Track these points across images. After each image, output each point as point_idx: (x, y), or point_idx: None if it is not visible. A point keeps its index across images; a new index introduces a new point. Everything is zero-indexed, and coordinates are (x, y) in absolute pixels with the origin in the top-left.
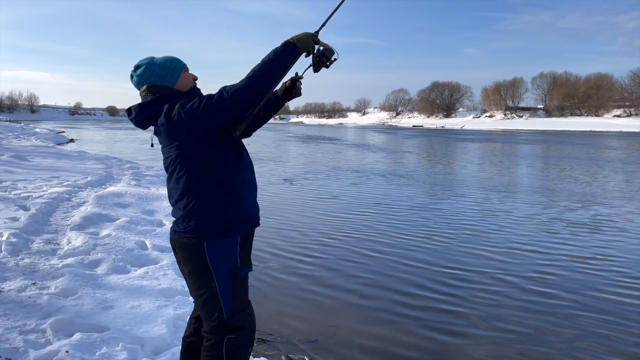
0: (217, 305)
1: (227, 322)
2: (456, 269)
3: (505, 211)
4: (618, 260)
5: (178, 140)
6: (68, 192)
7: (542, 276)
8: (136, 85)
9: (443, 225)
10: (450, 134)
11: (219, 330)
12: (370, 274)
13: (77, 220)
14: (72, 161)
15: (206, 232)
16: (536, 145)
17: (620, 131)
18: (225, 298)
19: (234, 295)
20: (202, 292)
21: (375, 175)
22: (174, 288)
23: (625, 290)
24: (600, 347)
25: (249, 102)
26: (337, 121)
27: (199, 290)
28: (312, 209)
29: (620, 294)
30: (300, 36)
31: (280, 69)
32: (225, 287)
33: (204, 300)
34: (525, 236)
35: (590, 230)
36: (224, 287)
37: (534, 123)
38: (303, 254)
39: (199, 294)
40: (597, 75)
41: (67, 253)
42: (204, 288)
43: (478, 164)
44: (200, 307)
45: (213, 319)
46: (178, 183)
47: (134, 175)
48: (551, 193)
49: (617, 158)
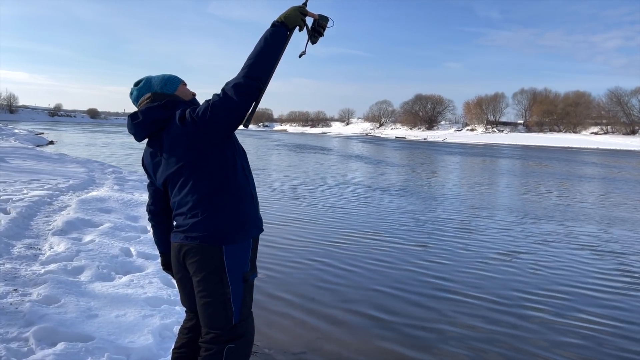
0: (227, 311)
1: (233, 328)
2: (444, 284)
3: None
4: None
5: (195, 145)
6: (49, 196)
7: (528, 297)
8: (137, 98)
9: (433, 238)
10: (433, 146)
11: (222, 339)
12: (356, 289)
13: (60, 225)
14: (52, 164)
15: (226, 235)
16: (526, 160)
17: (598, 148)
18: (236, 303)
19: (243, 301)
20: (213, 297)
21: (362, 187)
22: (160, 297)
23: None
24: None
25: (254, 92)
26: (320, 130)
27: (210, 297)
28: (300, 219)
29: (595, 320)
30: (287, 13)
31: (275, 52)
32: (237, 292)
33: (214, 306)
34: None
35: (570, 246)
36: (236, 292)
37: (514, 138)
38: (290, 266)
39: (209, 301)
40: (576, 92)
41: (50, 259)
42: (217, 293)
43: (466, 178)
44: (206, 313)
45: (219, 325)
46: (195, 188)
47: (116, 180)
48: (558, 211)
49: (620, 176)
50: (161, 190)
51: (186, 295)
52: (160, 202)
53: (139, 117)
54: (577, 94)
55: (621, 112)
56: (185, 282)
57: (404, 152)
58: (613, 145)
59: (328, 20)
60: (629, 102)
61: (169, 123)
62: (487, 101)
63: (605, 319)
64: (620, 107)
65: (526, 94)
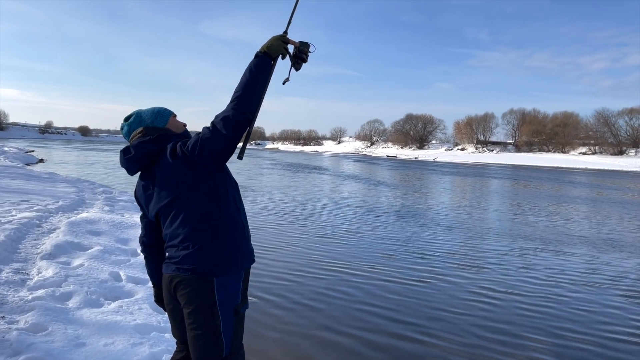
0: (219, 344)
1: None
2: (432, 309)
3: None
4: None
5: (186, 178)
6: (38, 218)
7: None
8: (127, 133)
9: (425, 264)
10: (425, 166)
11: None
12: (340, 312)
13: (48, 248)
14: (42, 183)
15: (217, 268)
16: (517, 180)
17: (586, 168)
18: (226, 336)
19: (234, 334)
20: (204, 330)
21: (358, 209)
22: (149, 324)
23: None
24: None
25: (243, 124)
26: (312, 149)
27: (200, 329)
28: (294, 244)
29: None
30: (269, 43)
31: (261, 82)
32: (228, 325)
33: (204, 339)
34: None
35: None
36: (227, 324)
37: (504, 157)
38: (275, 293)
39: (200, 333)
40: (564, 113)
41: (38, 284)
42: (208, 326)
43: (463, 200)
44: (196, 346)
45: (210, 358)
46: (187, 221)
47: (107, 200)
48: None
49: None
50: (154, 222)
51: (177, 327)
52: (153, 234)
53: (131, 152)
54: (565, 114)
55: (608, 132)
56: (176, 313)
57: (397, 172)
58: (601, 166)
59: (309, 46)
60: (616, 123)
61: (161, 156)
62: (477, 121)
63: None
64: (608, 128)
65: (515, 114)
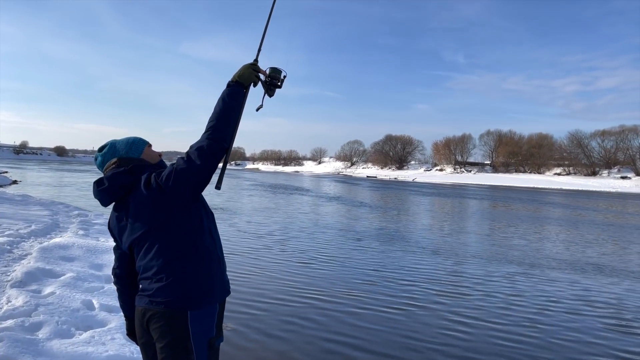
0: None
1: None
2: (413, 334)
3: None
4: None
5: (160, 210)
6: (9, 243)
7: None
8: (101, 164)
9: (403, 290)
10: (404, 186)
11: None
12: (310, 344)
13: (19, 275)
14: (14, 206)
15: (191, 301)
16: (495, 201)
17: (561, 188)
18: None
19: None
20: None
21: (335, 230)
22: (122, 355)
23: None
24: None
25: (218, 154)
26: (293, 169)
27: None
28: (271, 269)
29: None
30: (240, 72)
31: (235, 111)
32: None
33: None
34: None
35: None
36: (201, 359)
37: (482, 178)
38: (245, 324)
39: None
40: (539, 135)
41: (7, 314)
42: None
43: (442, 222)
44: None
45: None
46: (161, 253)
47: (82, 224)
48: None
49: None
50: (127, 254)
51: None
52: (127, 266)
53: (105, 183)
54: (540, 136)
55: (582, 154)
56: (149, 347)
57: (378, 193)
58: (575, 186)
59: (280, 72)
60: (588, 145)
61: (135, 187)
62: (455, 142)
63: None
64: (581, 149)
65: (492, 135)
